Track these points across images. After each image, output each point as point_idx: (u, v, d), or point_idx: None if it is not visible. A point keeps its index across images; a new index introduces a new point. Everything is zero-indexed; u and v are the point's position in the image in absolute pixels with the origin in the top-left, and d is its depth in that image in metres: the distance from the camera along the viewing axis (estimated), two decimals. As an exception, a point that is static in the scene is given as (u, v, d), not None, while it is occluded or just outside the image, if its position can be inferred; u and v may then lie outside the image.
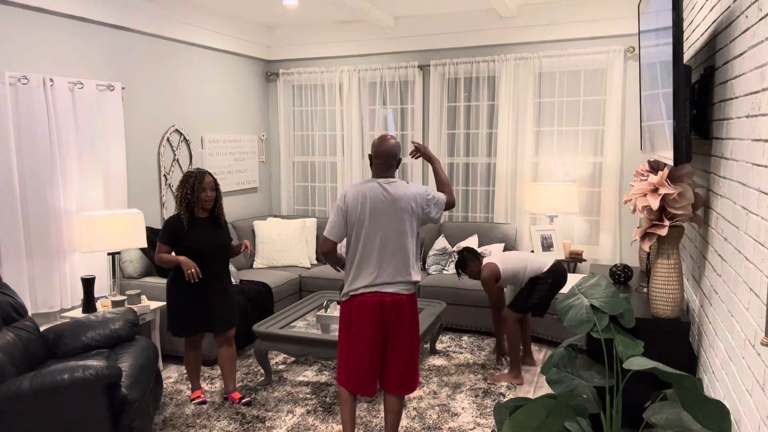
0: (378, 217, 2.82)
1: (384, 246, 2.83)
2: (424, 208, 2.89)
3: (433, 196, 2.93)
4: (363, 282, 2.84)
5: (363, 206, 2.82)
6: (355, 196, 2.84)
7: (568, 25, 5.25)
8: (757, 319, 1.59)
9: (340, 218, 2.87)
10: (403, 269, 2.86)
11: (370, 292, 2.84)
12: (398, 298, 2.85)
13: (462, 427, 3.42)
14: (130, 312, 3.56)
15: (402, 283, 2.86)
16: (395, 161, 2.91)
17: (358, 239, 2.85)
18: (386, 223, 2.82)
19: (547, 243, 5.23)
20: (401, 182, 2.90)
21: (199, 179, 3.45)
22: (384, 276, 2.83)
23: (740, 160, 1.84)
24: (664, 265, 2.43)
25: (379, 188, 2.84)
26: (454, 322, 5.01)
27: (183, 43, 5.28)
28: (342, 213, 2.86)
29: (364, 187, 2.85)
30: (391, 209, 2.82)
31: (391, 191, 2.83)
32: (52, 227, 3.99)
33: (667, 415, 2.02)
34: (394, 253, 2.83)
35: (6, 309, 3.19)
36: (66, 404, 2.67)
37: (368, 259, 2.84)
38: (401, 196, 2.83)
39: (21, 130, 3.80)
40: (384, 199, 2.82)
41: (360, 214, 2.83)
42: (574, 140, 5.41)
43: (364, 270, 2.84)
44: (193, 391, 3.78)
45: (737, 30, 1.93)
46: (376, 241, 2.82)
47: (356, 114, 6.10)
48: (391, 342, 2.89)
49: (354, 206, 2.83)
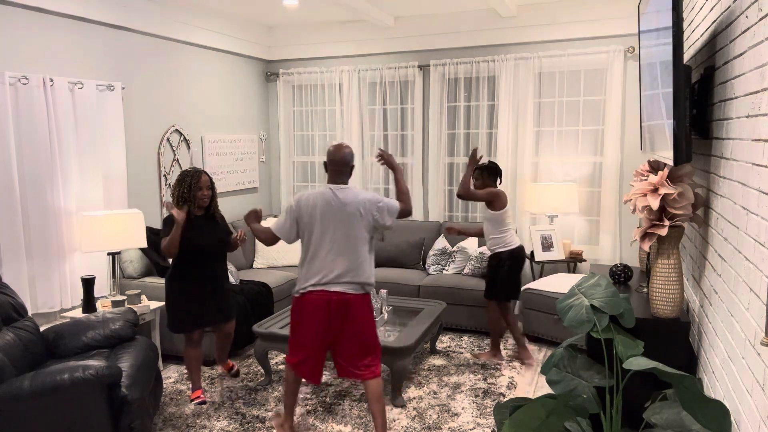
0: (327, 221, 3.00)
1: (332, 248, 3.01)
2: (373, 214, 3.05)
3: (384, 204, 3.09)
4: (312, 281, 3.03)
5: (314, 210, 3.02)
6: (307, 201, 3.04)
7: (568, 25, 5.25)
8: (757, 319, 1.59)
9: (288, 219, 3.08)
10: (351, 270, 3.03)
11: (318, 291, 3.03)
12: (345, 297, 3.03)
13: (462, 427, 3.42)
14: (130, 312, 3.56)
15: (349, 283, 3.03)
16: (348, 168, 3.10)
17: (309, 241, 3.05)
18: (335, 226, 3.00)
19: (547, 243, 5.23)
20: (353, 189, 3.07)
21: (195, 178, 3.56)
22: (331, 276, 3.01)
23: (740, 160, 1.84)
24: (664, 265, 2.43)
25: (330, 194, 3.03)
26: (454, 322, 5.01)
27: (183, 43, 5.28)
28: (291, 215, 3.07)
29: (316, 193, 3.06)
30: (340, 214, 3.00)
31: (341, 197, 3.02)
32: (52, 227, 3.99)
33: (667, 415, 2.03)
34: (341, 255, 3.01)
35: (6, 309, 3.19)
36: (66, 404, 2.67)
37: (317, 259, 3.03)
38: (350, 202, 3.01)
39: (21, 130, 3.80)
40: (334, 204, 3.01)
41: (311, 218, 3.03)
42: (574, 140, 5.41)
43: (314, 270, 3.04)
44: (193, 391, 3.78)
45: (737, 30, 1.93)
46: (325, 244, 3.01)
47: (356, 114, 6.10)
48: (339, 337, 3.09)
49: (305, 210, 3.04)
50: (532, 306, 4.76)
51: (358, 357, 3.10)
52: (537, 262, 5.19)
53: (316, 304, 3.02)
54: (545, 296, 4.65)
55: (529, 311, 4.79)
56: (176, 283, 3.57)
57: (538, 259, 5.19)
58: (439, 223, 5.74)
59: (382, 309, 4.14)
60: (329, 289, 3.02)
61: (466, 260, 5.23)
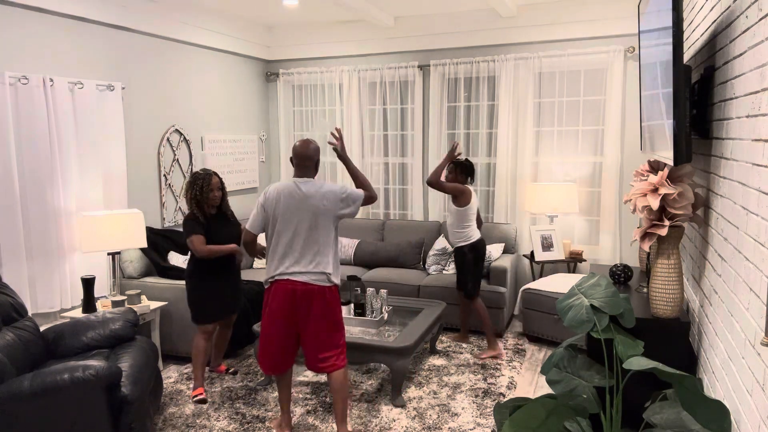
0: (291, 213, 3.09)
1: (295, 239, 3.09)
2: (337, 204, 3.14)
3: (348, 194, 3.17)
4: (278, 270, 3.11)
5: (278, 203, 3.10)
6: (272, 194, 3.12)
7: (568, 25, 5.25)
8: (757, 319, 1.59)
9: (260, 213, 3.15)
10: (314, 261, 3.10)
11: (284, 280, 3.10)
12: (309, 287, 3.09)
13: (462, 427, 3.42)
14: (130, 312, 3.56)
15: (313, 273, 3.10)
16: (312, 163, 3.17)
17: (274, 232, 3.13)
18: (298, 218, 3.09)
19: (547, 243, 5.23)
20: (317, 182, 3.16)
21: (207, 181, 3.72)
22: (295, 266, 3.09)
23: (740, 160, 1.84)
24: (664, 265, 2.43)
25: (293, 186, 3.11)
26: (454, 322, 5.01)
27: (183, 43, 5.28)
28: (261, 208, 3.15)
29: (281, 186, 3.14)
30: (302, 206, 3.08)
31: (304, 189, 3.10)
32: (52, 227, 3.99)
33: (667, 415, 2.03)
34: (304, 245, 3.09)
35: (6, 309, 3.19)
36: (66, 404, 2.67)
37: (282, 250, 3.11)
38: (312, 194, 3.09)
39: (21, 130, 3.80)
40: (296, 196, 3.09)
41: (275, 210, 3.11)
42: (574, 140, 5.41)
43: (279, 259, 3.12)
44: (195, 388, 3.80)
45: (737, 30, 1.93)
46: (289, 235, 3.09)
47: (356, 114, 6.10)
48: (303, 327, 3.15)
49: (271, 203, 3.12)
50: (532, 306, 4.76)
51: (320, 349, 3.16)
52: (537, 262, 5.19)
53: (284, 292, 3.09)
54: (545, 296, 4.65)
55: (529, 311, 4.79)
56: (201, 279, 3.76)
57: (538, 259, 5.19)
58: (439, 223, 5.74)
59: (383, 309, 4.15)
60: (295, 278, 3.09)
61: (466, 260, 5.23)
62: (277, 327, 3.14)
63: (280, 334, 3.15)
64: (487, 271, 5.06)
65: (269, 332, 3.17)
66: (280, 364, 3.21)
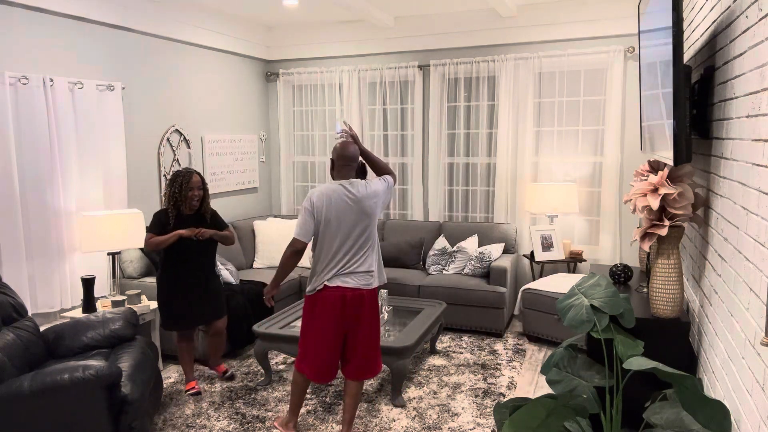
0: (342, 217, 2.99)
1: (345, 243, 3.00)
2: (386, 196, 3.13)
3: (388, 183, 3.17)
4: (327, 277, 3.02)
5: (328, 207, 2.99)
6: (321, 198, 2.99)
7: (568, 25, 5.25)
8: (757, 319, 1.59)
9: (309, 220, 3.01)
10: (365, 265, 3.05)
11: (333, 287, 3.01)
12: (359, 293, 3.04)
13: (462, 427, 3.42)
14: (130, 312, 3.56)
15: (362, 276, 3.05)
16: (355, 164, 3.12)
17: (324, 238, 3.02)
18: (350, 223, 3.00)
19: (547, 243, 5.23)
20: (361, 181, 3.08)
21: (186, 178, 3.62)
22: (346, 272, 3.02)
23: (740, 160, 1.84)
24: (664, 265, 2.43)
25: (342, 190, 3.00)
26: (454, 322, 5.01)
27: (183, 43, 5.28)
28: (310, 215, 3.01)
29: (328, 190, 3.01)
30: (355, 208, 3.00)
31: (355, 192, 3.01)
32: (52, 227, 3.99)
33: (667, 415, 2.03)
34: (354, 249, 3.02)
35: (6, 309, 3.19)
36: (66, 404, 2.67)
37: (331, 255, 3.02)
38: (363, 196, 3.02)
39: (21, 130, 3.80)
40: (348, 199, 2.99)
41: (326, 215, 2.99)
42: (574, 140, 5.41)
43: (329, 266, 3.02)
44: (187, 383, 3.86)
45: (737, 30, 1.93)
46: (339, 239, 3.00)
47: (356, 114, 6.09)
48: (352, 334, 3.08)
49: (320, 209, 2.99)
50: (532, 306, 4.76)
51: (368, 352, 3.11)
52: (537, 262, 5.19)
53: (332, 300, 3.00)
54: (545, 296, 4.66)
55: (529, 311, 4.78)
56: (165, 282, 3.68)
57: (538, 259, 5.19)
58: (439, 223, 5.74)
59: (383, 309, 4.15)
60: (345, 285, 3.01)
61: (466, 260, 5.23)
62: (328, 336, 3.03)
63: (331, 343, 3.05)
64: (487, 271, 5.06)
65: (319, 341, 3.04)
66: (333, 371, 3.12)
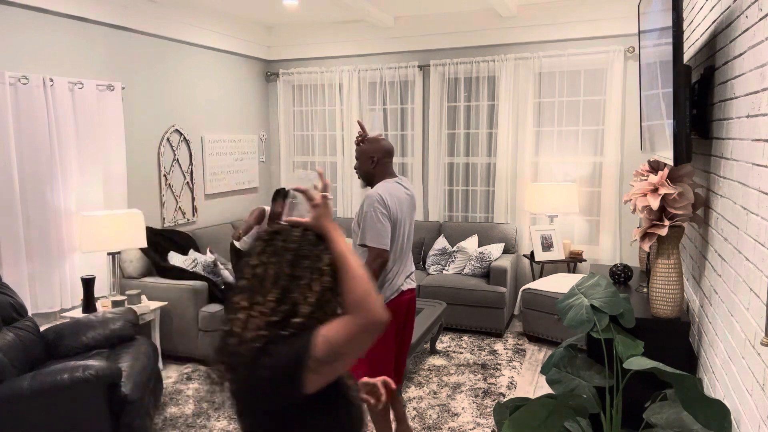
0: (406, 216, 2.83)
1: (405, 243, 2.85)
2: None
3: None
4: (400, 281, 2.81)
5: (399, 208, 2.77)
6: (391, 199, 2.73)
7: (568, 25, 5.25)
8: (757, 319, 1.59)
9: (387, 226, 2.67)
10: (411, 263, 2.94)
11: (405, 290, 2.84)
12: (413, 294, 2.93)
13: (462, 427, 3.42)
14: (130, 312, 3.57)
15: (413, 274, 2.93)
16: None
17: (396, 240, 2.76)
18: (410, 220, 2.87)
19: (547, 243, 5.23)
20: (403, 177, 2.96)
21: None
22: (405, 274, 2.86)
23: (740, 160, 1.84)
24: (664, 265, 2.43)
25: (401, 188, 2.83)
26: (454, 322, 5.01)
27: (183, 43, 5.28)
28: (387, 220, 2.68)
29: (389, 189, 2.74)
30: (410, 206, 2.87)
31: (409, 187, 2.90)
32: (52, 227, 3.99)
33: (667, 415, 2.02)
34: (408, 248, 2.89)
35: (6, 309, 3.19)
36: (66, 404, 2.67)
37: (401, 257, 2.82)
38: (412, 193, 2.92)
39: (21, 130, 3.80)
40: (407, 197, 2.85)
41: (398, 216, 2.75)
42: (574, 140, 5.41)
43: (401, 269, 2.82)
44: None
45: (737, 30, 1.93)
46: (401, 240, 2.80)
47: (356, 114, 6.09)
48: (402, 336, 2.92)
49: (393, 209, 2.73)
50: (532, 306, 4.76)
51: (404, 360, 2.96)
52: (537, 262, 5.19)
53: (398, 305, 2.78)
54: (545, 296, 4.65)
55: (529, 311, 4.78)
56: None
57: (538, 259, 5.18)
58: (440, 223, 5.74)
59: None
60: (409, 287, 2.86)
61: (466, 260, 5.23)
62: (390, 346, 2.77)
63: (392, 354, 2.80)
64: (487, 271, 5.06)
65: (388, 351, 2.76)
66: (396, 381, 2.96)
